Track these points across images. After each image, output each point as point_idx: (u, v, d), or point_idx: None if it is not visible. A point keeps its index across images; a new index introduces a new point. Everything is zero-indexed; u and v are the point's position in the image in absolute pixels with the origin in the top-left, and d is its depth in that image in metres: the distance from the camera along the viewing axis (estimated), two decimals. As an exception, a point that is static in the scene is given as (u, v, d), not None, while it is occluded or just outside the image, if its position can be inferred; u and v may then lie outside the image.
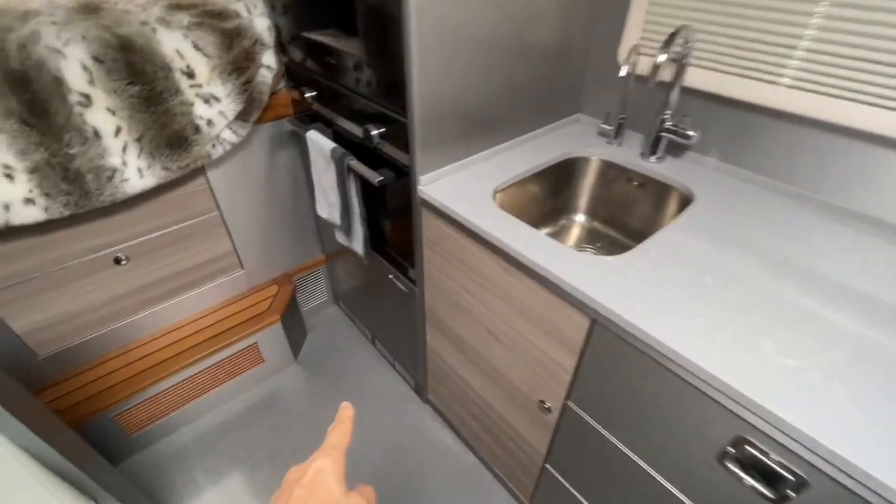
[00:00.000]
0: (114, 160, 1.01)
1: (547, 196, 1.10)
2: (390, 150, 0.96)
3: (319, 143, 1.10)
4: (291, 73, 1.23)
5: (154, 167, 1.07)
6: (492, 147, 1.03)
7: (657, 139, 0.99)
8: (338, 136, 1.15)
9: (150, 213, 1.18)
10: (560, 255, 0.75)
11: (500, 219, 0.84)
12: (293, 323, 1.60)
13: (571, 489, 0.95)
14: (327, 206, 1.24)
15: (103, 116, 0.98)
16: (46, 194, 0.95)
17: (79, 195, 0.99)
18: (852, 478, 0.48)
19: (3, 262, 1.01)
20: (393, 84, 0.84)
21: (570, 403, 0.83)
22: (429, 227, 0.98)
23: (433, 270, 1.05)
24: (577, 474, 0.93)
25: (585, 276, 0.70)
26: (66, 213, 0.99)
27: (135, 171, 1.04)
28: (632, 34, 1.00)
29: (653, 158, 1.02)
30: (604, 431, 0.80)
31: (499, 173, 0.98)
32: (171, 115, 1.05)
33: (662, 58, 0.81)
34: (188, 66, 1.05)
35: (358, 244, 1.21)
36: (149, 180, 1.07)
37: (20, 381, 1.18)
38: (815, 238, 0.79)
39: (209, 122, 1.10)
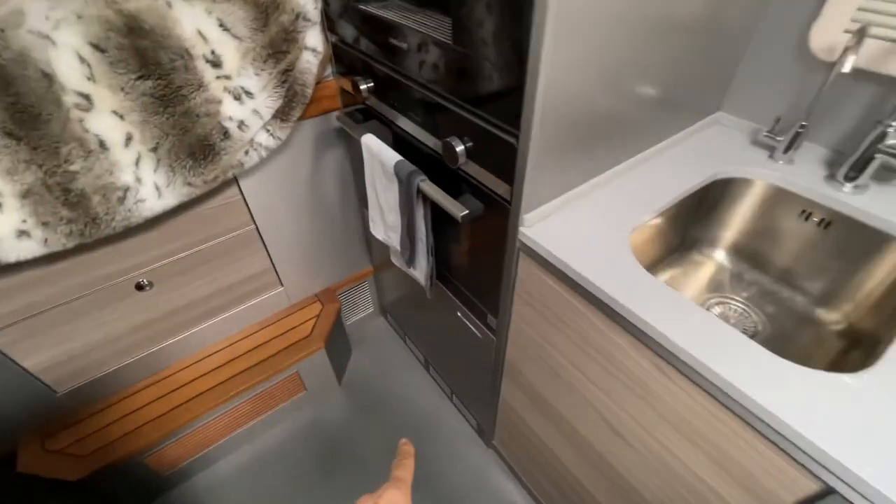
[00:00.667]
0: (125, 176, 0.80)
1: (678, 227, 0.82)
2: (480, 173, 0.70)
3: (379, 152, 0.85)
4: (341, 57, 0.97)
5: (174, 183, 0.85)
6: (615, 166, 0.76)
7: (864, 160, 0.69)
8: (399, 139, 0.90)
9: (175, 231, 0.98)
10: (761, 365, 0.48)
11: (648, 287, 0.58)
12: (337, 344, 1.41)
13: None
14: (384, 227, 1.00)
15: (109, 122, 0.76)
16: (44, 223, 0.76)
17: (84, 222, 0.79)
18: None
19: (2, 298, 0.84)
20: (501, 84, 0.57)
21: (736, 552, 0.59)
22: (527, 278, 0.73)
23: (524, 328, 0.80)
24: None
25: (815, 411, 0.44)
26: (71, 244, 0.79)
27: (151, 188, 0.83)
28: (841, 7, 0.67)
29: (848, 186, 0.71)
30: None
31: (627, 205, 0.71)
32: (194, 117, 0.82)
33: (949, 48, 0.50)
34: (213, 52, 0.81)
35: (420, 275, 0.97)
36: (169, 199, 0.86)
37: (39, 420, 1.05)
38: None
39: (241, 125, 0.87)
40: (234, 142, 0.87)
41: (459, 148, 0.68)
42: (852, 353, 0.68)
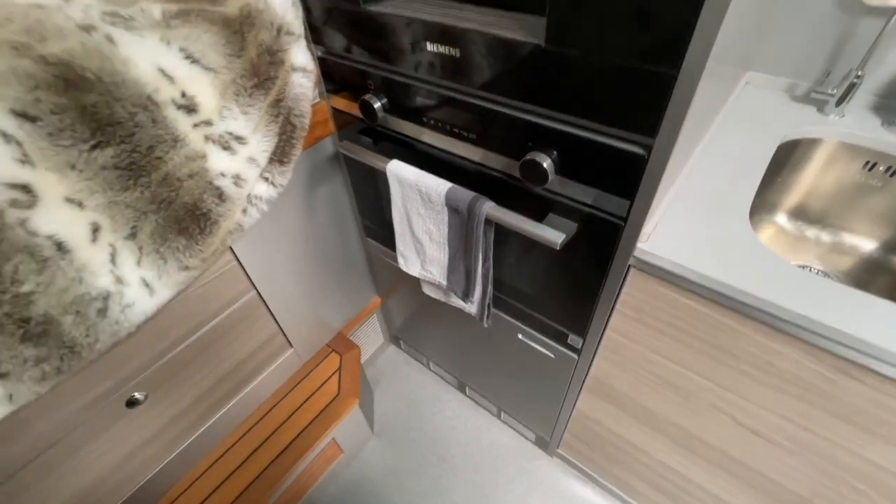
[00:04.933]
0: (101, 281, 0.59)
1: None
2: (576, 190, 0.59)
3: (417, 181, 0.71)
4: (331, 73, 0.80)
5: (167, 271, 0.65)
6: (695, 151, 0.69)
7: (929, 102, 0.68)
8: (429, 160, 0.76)
9: (162, 326, 0.77)
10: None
11: (809, 284, 0.52)
12: (364, 392, 1.26)
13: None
14: (419, 263, 0.87)
15: (64, 214, 0.55)
16: (2, 375, 0.54)
17: (60, 356, 0.57)
18: None
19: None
20: (631, 87, 0.47)
21: (923, 528, 0.57)
22: (638, 294, 0.65)
23: (624, 343, 0.73)
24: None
25: None
26: (46, 388, 0.57)
27: (139, 287, 0.63)
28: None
29: (909, 130, 0.71)
30: None
31: (726, 191, 0.65)
32: (176, 183, 0.63)
33: None
34: (184, 94, 0.61)
35: (474, 308, 0.86)
36: (163, 293, 0.66)
37: None
38: None
39: (237, 180, 0.68)
40: (233, 202, 0.69)
41: (546, 164, 0.57)
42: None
